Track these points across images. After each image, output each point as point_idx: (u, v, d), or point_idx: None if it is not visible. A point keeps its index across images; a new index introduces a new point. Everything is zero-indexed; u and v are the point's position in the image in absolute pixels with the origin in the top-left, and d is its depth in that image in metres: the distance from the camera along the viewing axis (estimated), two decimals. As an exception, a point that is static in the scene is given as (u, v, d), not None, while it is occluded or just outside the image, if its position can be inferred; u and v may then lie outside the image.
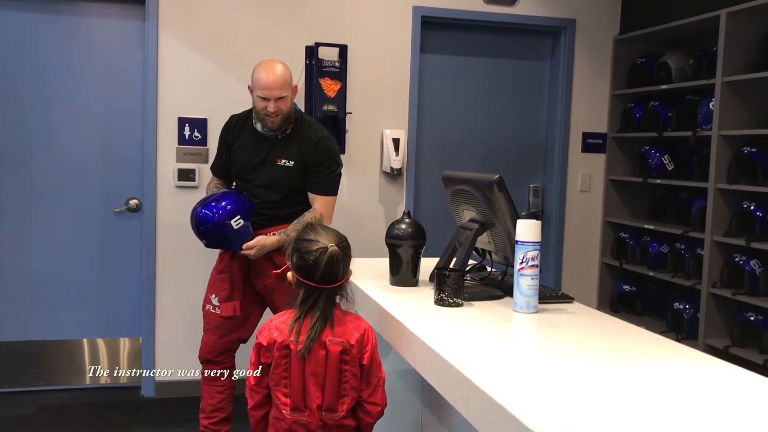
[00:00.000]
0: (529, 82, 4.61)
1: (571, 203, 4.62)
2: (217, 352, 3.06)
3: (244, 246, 2.92)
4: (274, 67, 2.86)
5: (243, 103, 3.94)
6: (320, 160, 2.98)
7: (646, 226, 4.28)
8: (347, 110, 4.10)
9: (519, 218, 2.05)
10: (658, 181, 4.21)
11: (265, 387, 1.89)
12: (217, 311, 3.04)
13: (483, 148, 4.54)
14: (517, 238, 2.02)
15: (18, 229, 3.91)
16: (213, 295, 3.06)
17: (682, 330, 3.91)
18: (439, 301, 2.08)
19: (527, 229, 2.01)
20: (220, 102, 3.94)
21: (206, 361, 3.07)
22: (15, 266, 3.92)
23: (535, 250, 2.02)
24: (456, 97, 4.49)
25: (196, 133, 3.96)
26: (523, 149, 4.63)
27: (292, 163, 2.96)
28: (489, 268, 2.57)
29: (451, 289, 2.07)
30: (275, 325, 1.88)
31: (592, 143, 4.62)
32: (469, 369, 1.48)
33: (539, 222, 2.03)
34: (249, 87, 2.95)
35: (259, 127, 2.98)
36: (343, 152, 4.13)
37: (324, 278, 1.85)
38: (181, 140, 3.96)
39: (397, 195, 4.34)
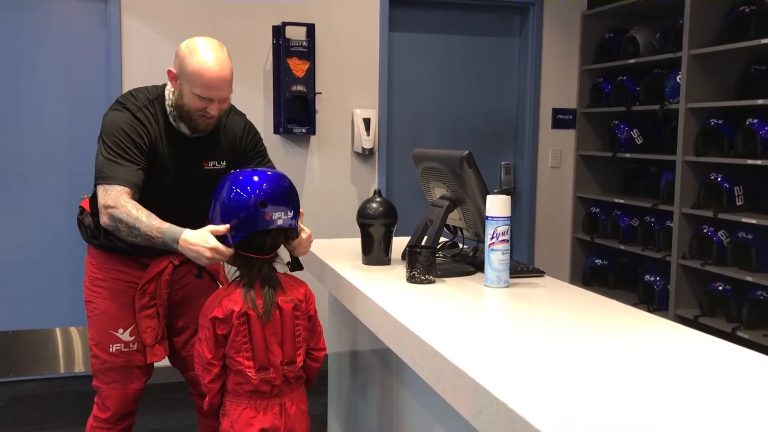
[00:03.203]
0: (498, 59, 4.61)
1: (542, 179, 4.64)
2: (137, 400, 2.35)
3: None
4: (220, 58, 2.08)
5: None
6: (256, 141, 2.40)
7: (616, 200, 4.33)
8: (316, 90, 4.06)
9: (489, 194, 2.05)
10: (628, 155, 4.24)
11: (221, 358, 1.93)
12: (138, 354, 2.29)
13: (454, 126, 4.54)
14: (487, 213, 2.03)
15: (-17, 219, 3.84)
16: (128, 336, 2.27)
17: (653, 302, 3.97)
18: (411, 279, 2.08)
19: (497, 205, 2.02)
20: (187, 84, 3.87)
21: (124, 416, 2.31)
22: (-19, 256, 3.85)
23: (505, 225, 2.02)
24: (426, 75, 4.47)
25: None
26: (494, 126, 4.64)
27: (224, 163, 2.30)
28: (461, 245, 2.58)
29: (423, 266, 2.07)
30: (225, 297, 1.92)
31: (562, 119, 4.64)
32: (441, 344, 1.48)
33: (509, 197, 2.04)
34: (172, 74, 2.13)
35: (183, 128, 2.18)
36: (314, 133, 4.10)
37: (270, 250, 1.97)
38: (148, 124, 3.90)
39: (369, 175, 4.32)
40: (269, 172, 1.99)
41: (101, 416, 2.30)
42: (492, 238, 2.02)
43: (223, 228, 1.91)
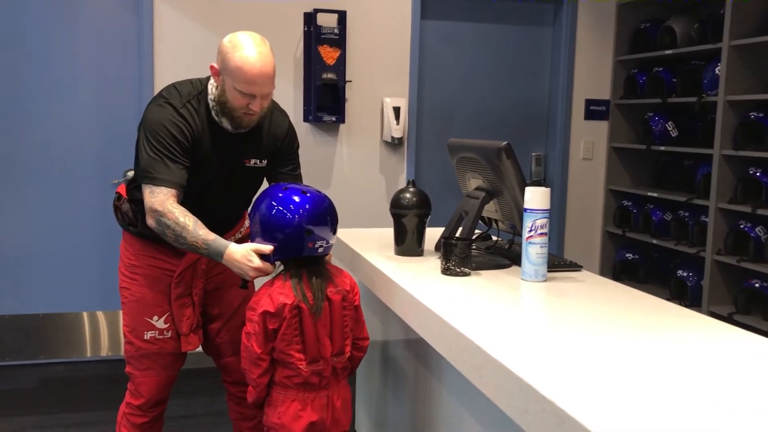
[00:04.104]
0: (531, 49, 4.54)
1: (573, 171, 4.58)
2: (170, 387, 2.36)
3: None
4: (263, 53, 2.03)
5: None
6: (294, 146, 2.36)
7: (649, 194, 4.25)
8: (347, 78, 4.02)
9: (532, 185, 2.01)
10: (662, 148, 4.16)
11: (269, 353, 1.91)
12: (172, 341, 2.28)
13: (485, 116, 4.48)
14: (526, 205, 1.99)
15: (16, 203, 3.86)
16: (163, 323, 2.26)
17: (685, 297, 3.90)
18: (446, 271, 2.05)
19: (536, 197, 1.98)
20: (218, 71, 3.87)
21: (157, 402, 2.33)
22: (14, 239, 3.88)
23: (544, 217, 1.98)
24: (457, 64, 4.41)
25: (193, 103, 3.89)
26: (526, 117, 4.57)
27: (265, 162, 2.26)
28: (494, 237, 2.54)
29: (459, 258, 2.03)
30: (276, 291, 1.90)
31: (594, 110, 4.56)
32: (482, 339, 1.45)
33: (548, 189, 2.00)
34: (214, 69, 2.09)
35: (225, 123, 2.13)
36: (343, 121, 4.07)
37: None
38: (179, 110, 3.89)
39: (397, 164, 4.29)
40: (312, 194, 1.96)
41: (134, 403, 2.30)
42: (530, 230, 1.98)
43: (267, 249, 1.92)
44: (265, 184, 2.34)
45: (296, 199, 1.92)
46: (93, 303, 4.01)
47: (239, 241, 2.32)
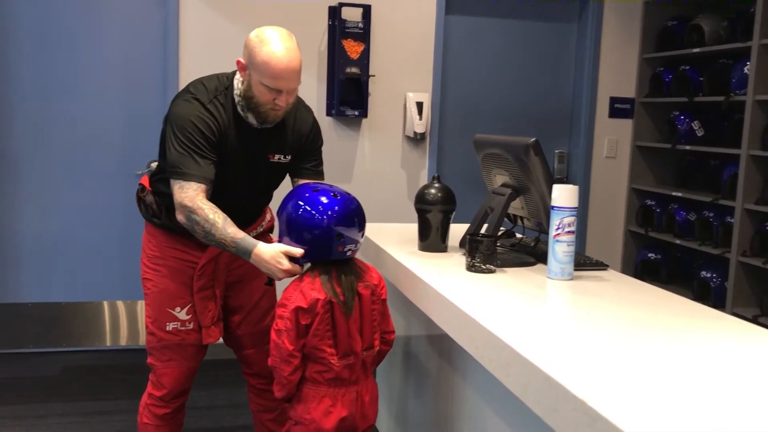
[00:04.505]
0: (556, 45, 4.50)
1: (596, 169, 4.54)
2: (191, 379, 2.36)
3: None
4: (289, 48, 2.02)
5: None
6: (319, 142, 2.36)
7: (673, 194, 4.20)
8: (370, 73, 4.02)
9: (555, 183, 2.00)
10: (687, 147, 4.11)
11: (301, 349, 1.91)
12: (193, 333, 2.28)
13: (508, 112, 4.46)
14: (553, 203, 1.97)
15: (40, 192, 3.90)
16: (185, 315, 2.27)
17: (709, 299, 3.86)
18: (471, 267, 2.04)
19: (564, 194, 1.96)
20: (242, 64, 3.88)
21: (179, 394, 2.34)
22: (38, 229, 3.92)
23: (572, 215, 1.97)
24: (481, 59, 4.39)
25: (217, 96, 3.90)
26: (549, 113, 4.54)
27: (289, 157, 2.26)
28: (518, 235, 2.53)
29: (484, 255, 2.02)
30: (307, 287, 1.90)
31: (619, 108, 4.52)
32: (510, 337, 1.44)
33: (576, 187, 1.98)
34: (241, 64, 2.09)
35: (251, 118, 2.13)
36: (366, 116, 4.07)
37: None
38: (202, 103, 3.91)
39: (419, 160, 4.27)
40: (342, 195, 1.95)
41: (156, 394, 2.31)
42: (557, 228, 1.97)
43: (297, 252, 1.93)
44: (287, 180, 2.35)
45: (325, 200, 1.91)
46: (114, 293, 4.04)
47: (260, 236, 2.35)
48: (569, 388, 1.19)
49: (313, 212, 1.90)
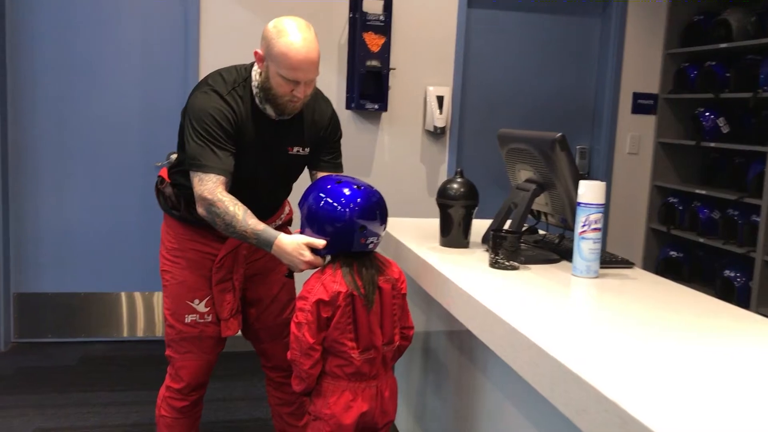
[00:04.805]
0: (578, 39, 4.44)
1: (618, 166, 4.48)
2: (210, 371, 2.35)
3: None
4: (307, 39, 1.99)
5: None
6: (337, 135, 2.33)
7: (697, 191, 4.14)
8: (391, 66, 3.98)
9: (581, 179, 1.96)
10: (713, 144, 4.05)
11: (321, 342, 1.89)
12: (212, 326, 2.27)
13: (529, 107, 4.41)
14: (580, 199, 1.94)
15: (60, 184, 3.91)
16: (204, 307, 2.26)
17: (732, 298, 3.79)
18: (495, 264, 2.01)
19: (591, 191, 1.93)
20: (262, 56, 3.86)
21: (197, 386, 2.33)
22: (57, 219, 3.93)
23: (598, 212, 1.93)
24: (503, 53, 4.34)
25: (237, 88, 3.89)
26: (571, 109, 4.49)
27: (308, 150, 2.23)
28: (540, 231, 2.49)
29: (508, 251, 1.99)
30: (328, 280, 1.88)
31: (642, 104, 4.46)
32: (538, 336, 1.41)
33: (603, 183, 1.94)
34: (258, 55, 2.06)
35: (269, 110, 2.11)
36: (385, 110, 4.04)
37: None
38: (222, 94, 3.89)
39: (439, 154, 4.24)
40: (365, 188, 1.92)
41: (174, 386, 2.30)
42: (583, 225, 1.93)
43: (320, 243, 1.91)
44: (306, 173, 2.33)
45: (347, 192, 1.88)
46: (132, 284, 4.05)
47: (279, 228, 2.33)
48: (601, 389, 1.15)
49: (336, 204, 1.88)
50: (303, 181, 2.29)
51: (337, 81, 4.03)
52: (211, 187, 2.00)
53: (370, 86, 3.98)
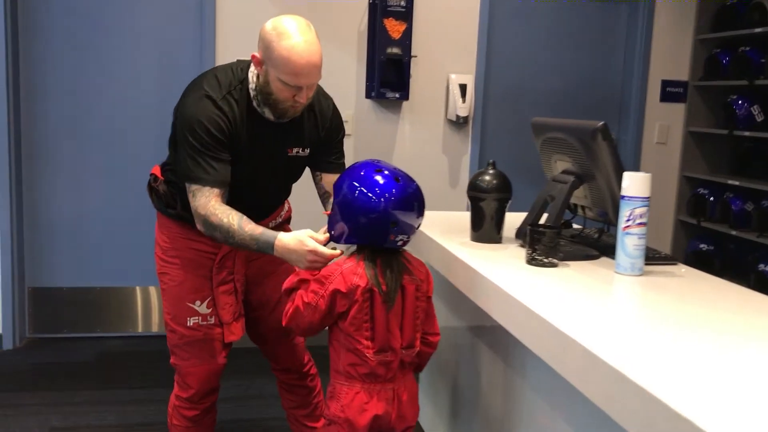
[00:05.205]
0: (605, 25, 4.30)
1: (646, 156, 4.34)
2: (219, 375, 2.24)
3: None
4: (309, 41, 1.85)
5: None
6: (340, 134, 2.20)
7: (729, 182, 4.00)
8: (412, 53, 3.86)
9: (625, 170, 1.85)
10: (747, 133, 3.90)
11: (320, 325, 1.81)
12: (217, 327, 2.17)
13: (554, 95, 4.27)
14: (624, 192, 1.82)
15: (76, 178, 3.83)
16: (206, 308, 2.14)
17: (767, 292, 3.65)
18: (532, 261, 1.90)
19: (636, 183, 1.81)
20: (280, 44, 3.75)
21: (207, 393, 2.23)
22: (72, 214, 3.85)
23: (644, 206, 1.82)
24: (527, 40, 4.21)
25: (254, 77, 3.78)
26: (597, 97, 4.35)
27: (308, 150, 2.11)
28: (575, 225, 2.37)
29: (546, 247, 1.88)
30: (349, 271, 1.76)
31: (671, 92, 4.31)
32: (587, 339, 1.30)
33: (649, 175, 1.82)
34: (256, 59, 1.92)
35: (267, 113, 1.99)
36: (407, 98, 3.92)
37: None
38: (239, 84, 3.79)
39: (462, 145, 4.12)
40: (403, 178, 1.78)
41: (183, 395, 2.20)
42: (628, 220, 1.82)
43: (322, 237, 1.83)
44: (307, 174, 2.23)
45: (382, 181, 1.75)
46: (149, 278, 3.97)
47: (278, 227, 2.24)
48: (663, 398, 1.04)
49: (370, 195, 1.74)
50: (303, 182, 2.21)
51: (356, 69, 3.92)
52: (203, 201, 1.92)
53: (390, 74, 3.86)
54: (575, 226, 2.38)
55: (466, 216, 2.26)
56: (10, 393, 3.20)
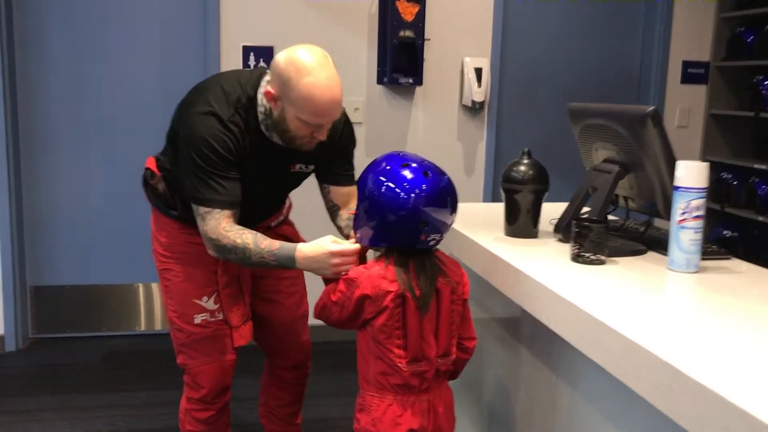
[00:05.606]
0: (624, 5, 4.14)
1: (667, 140, 4.20)
2: (231, 373, 2.13)
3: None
4: (330, 76, 1.73)
5: (311, 30, 3.60)
6: (351, 143, 2.08)
7: (755, 166, 3.86)
8: (425, 36, 3.70)
9: (678, 159, 1.70)
10: (774, 115, 3.76)
11: (350, 324, 1.71)
12: (223, 324, 2.07)
13: (572, 78, 4.13)
14: (678, 183, 1.68)
15: (76, 171, 3.69)
16: (213, 304, 2.05)
17: (797, 281, 3.53)
18: (578, 258, 1.76)
19: (692, 173, 1.66)
20: (288, 28, 3.59)
21: (220, 392, 2.12)
22: (75, 211, 3.72)
23: (701, 198, 1.67)
24: (544, 21, 4.05)
25: (262, 63, 3.63)
26: (616, 79, 4.20)
27: (312, 167, 2.02)
28: (611, 217, 2.24)
29: (594, 243, 1.74)
30: (377, 275, 1.63)
31: (692, 73, 4.16)
32: (665, 351, 1.16)
33: (706, 164, 1.68)
34: (271, 94, 1.78)
35: (275, 138, 1.88)
36: (420, 83, 3.76)
37: None
38: (246, 71, 3.64)
39: (477, 131, 3.97)
40: (433, 173, 1.63)
41: (195, 396, 2.08)
42: (683, 213, 1.68)
43: (348, 245, 1.74)
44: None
45: (409, 175, 1.62)
46: (153, 275, 3.83)
47: (280, 224, 2.19)
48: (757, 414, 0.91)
49: (398, 190, 1.61)
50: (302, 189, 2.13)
51: (367, 54, 3.76)
52: (212, 225, 1.80)
53: (403, 59, 3.71)
54: (611, 217, 2.24)
55: (492, 207, 2.12)
56: (16, 398, 3.07)
